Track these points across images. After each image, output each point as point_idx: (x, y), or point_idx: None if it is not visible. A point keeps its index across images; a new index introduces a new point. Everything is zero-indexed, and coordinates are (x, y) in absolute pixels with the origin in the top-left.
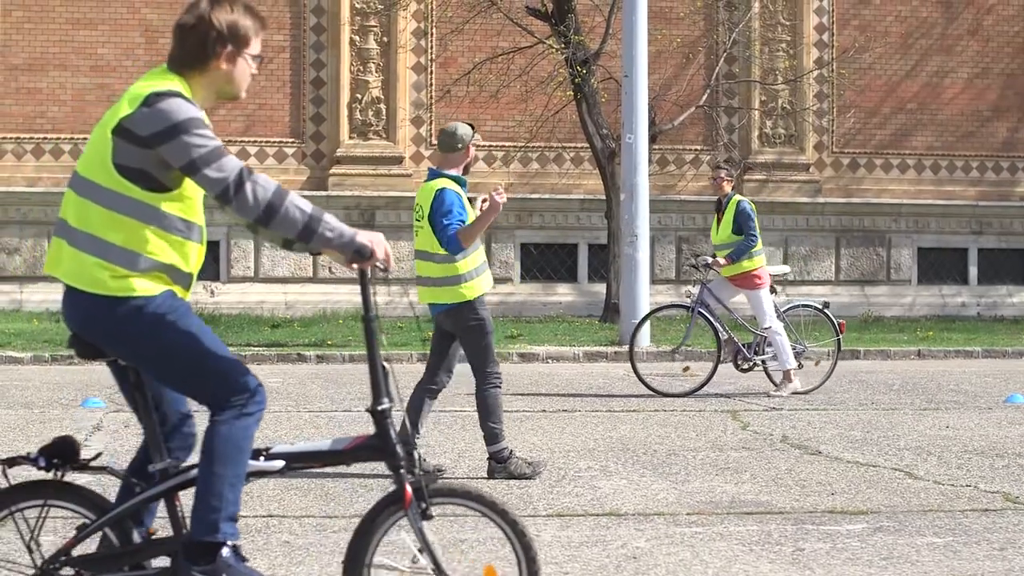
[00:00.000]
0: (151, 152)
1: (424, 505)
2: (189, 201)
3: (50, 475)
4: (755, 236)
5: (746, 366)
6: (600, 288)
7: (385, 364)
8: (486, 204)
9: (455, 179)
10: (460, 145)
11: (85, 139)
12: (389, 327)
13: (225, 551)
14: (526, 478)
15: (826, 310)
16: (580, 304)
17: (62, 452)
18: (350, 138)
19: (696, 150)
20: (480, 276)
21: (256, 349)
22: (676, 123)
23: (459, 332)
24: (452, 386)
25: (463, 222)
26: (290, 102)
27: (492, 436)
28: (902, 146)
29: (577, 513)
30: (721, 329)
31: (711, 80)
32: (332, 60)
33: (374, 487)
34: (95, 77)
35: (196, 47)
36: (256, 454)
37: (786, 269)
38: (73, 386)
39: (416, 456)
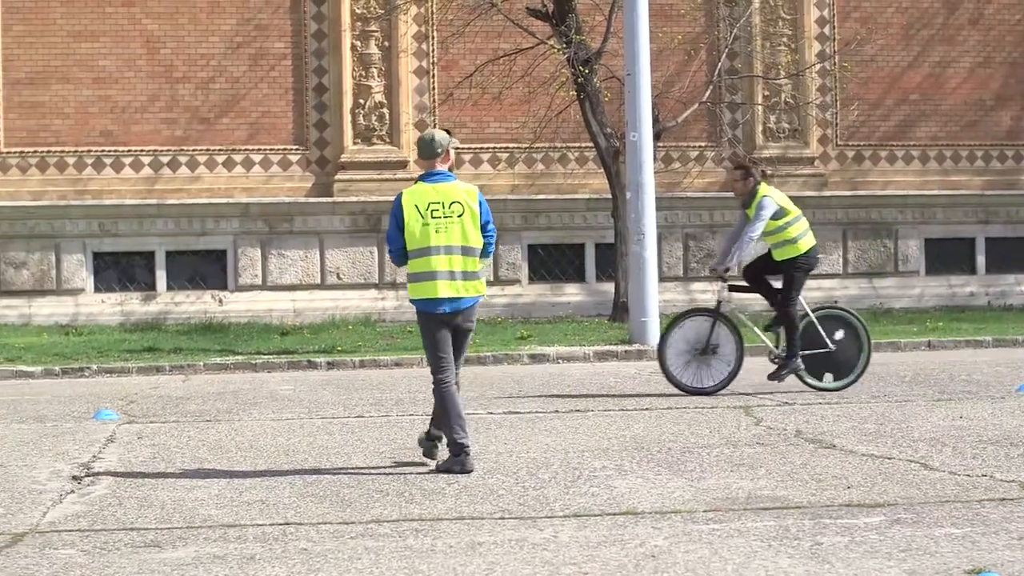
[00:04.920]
0: None
1: None
2: None
3: None
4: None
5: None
6: (608, 287)
7: None
8: None
9: None
10: (440, 150)
11: (89, 151)
12: (399, 331)
13: None
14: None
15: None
16: (589, 304)
17: None
18: (354, 143)
19: (700, 146)
20: None
21: (266, 357)
22: (680, 120)
23: (469, 325)
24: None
25: None
26: (293, 109)
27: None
28: (907, 137)
29: (594, 513)
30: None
31: (713, 76)
32: (334, 66)
33: (389, 492)
34: (97, 89)
35: None
36: None
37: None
38: (85, 399)
39: None
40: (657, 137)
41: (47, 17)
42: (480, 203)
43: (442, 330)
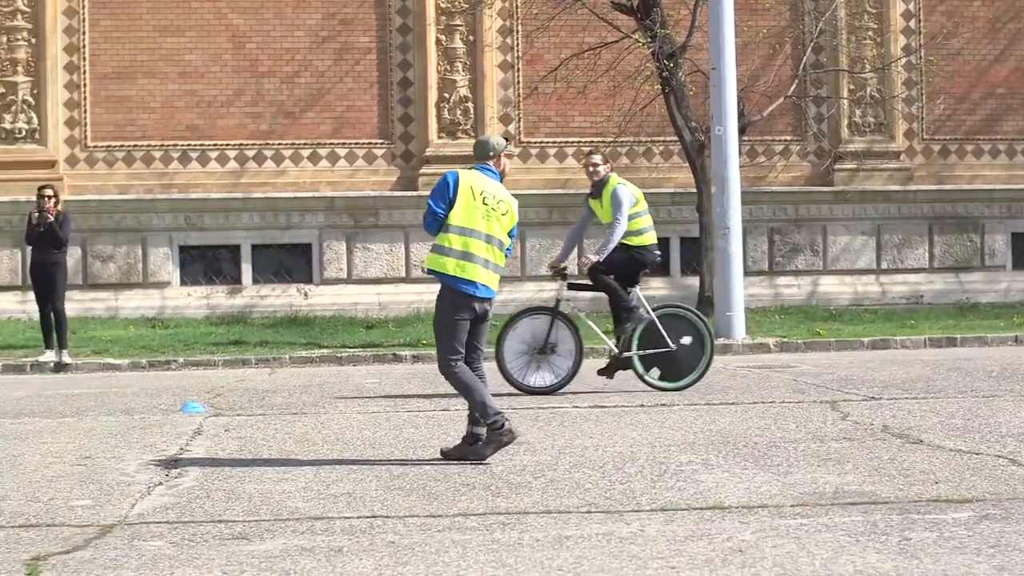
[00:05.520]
0: None
1: None
2: None
3: None
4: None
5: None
6: (693, 281)
7: None
8: None
9: None
10: (492, 153)
11: (175, 145)
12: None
13: None
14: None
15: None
16: (673, 298)
17: None
18: (439, 138)
19: (786, 141)
20: None
21: (352, 350)
22: (765, 114)
23: (489, 314)
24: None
25: None
26: (378, 103)
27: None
28: (993, 131)
29: (681, 507)
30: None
31: (799, 70)
32: (419, 60)
33: (476, 485)
34: (183, 83)
35: None
36: None
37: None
38: (171, 391)
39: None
40: (742, 131)
41: (133, 12)
42: (516, 213)
43: (464, 314)
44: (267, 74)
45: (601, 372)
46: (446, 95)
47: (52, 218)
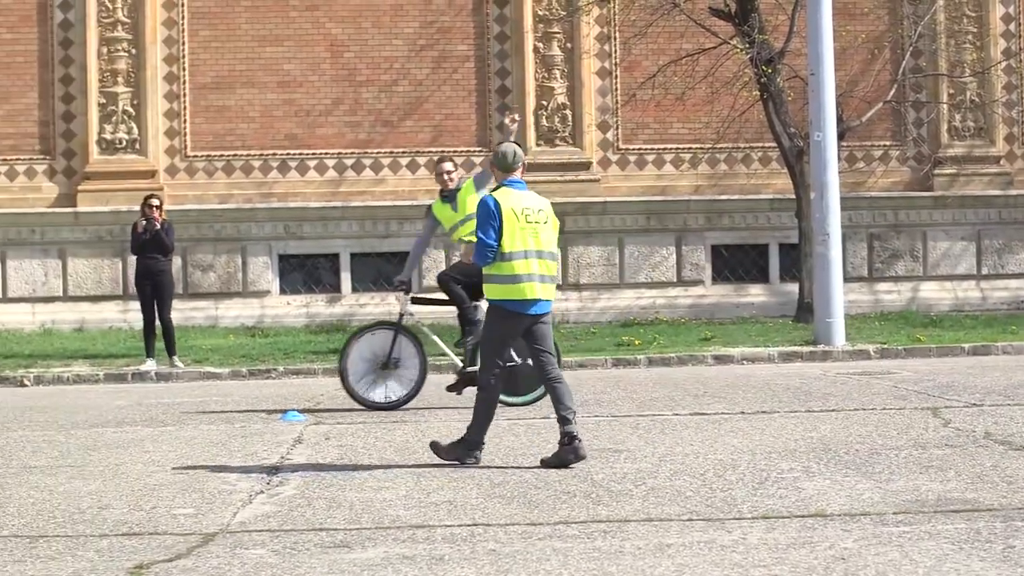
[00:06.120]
0: None
1: None
2: None
3: None
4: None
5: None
6: (792, 288)
7: None
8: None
9: None
10: (517, 164)
11: (274, 155)
12: (583, 333)
13: None
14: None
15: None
16: (773, 304)
17: None
18: (537, 145)
19: (885, 146)
20: None
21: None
22: (864, 119)
23: (548, 320)
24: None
25: None
26: (476, 111)
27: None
28: None
29: (782, 515)
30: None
31: (897, 75)
32: (516, 68)
33: (576, 493)
34: (282, 93)
35: None
36: None
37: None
38: (272, 400)
39: None
40: (841, 136)
41: (232, 22)
42: (552, 212)
43: (516, 330)
44: (365, 83)
45: (450, 388)
46: (544, 103)
47: (159, 226)
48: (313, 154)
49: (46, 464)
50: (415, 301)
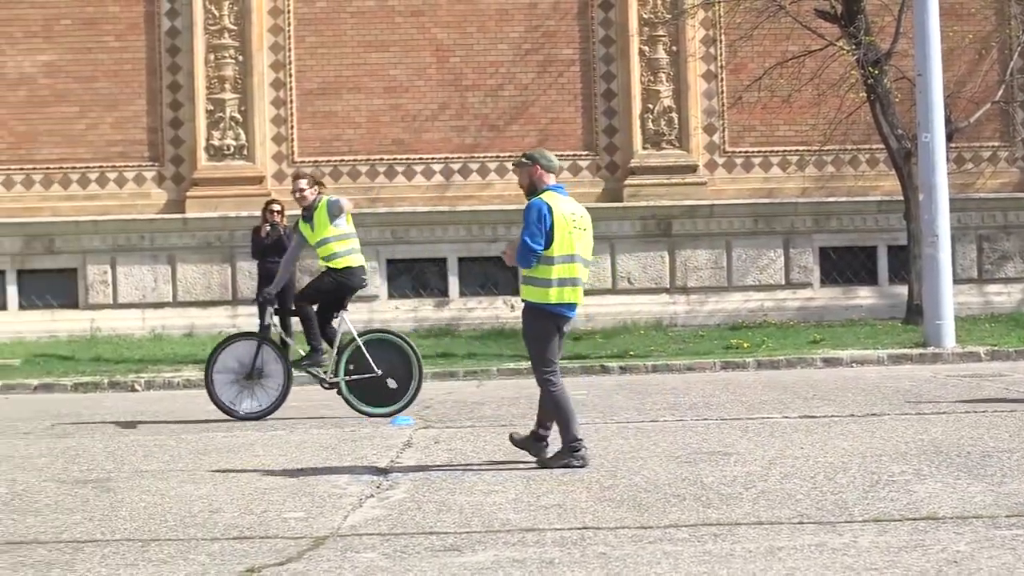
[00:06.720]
0: None
1: None
2: None
3: None
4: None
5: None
6: (901, 290)
7: None
8: None
9: None
10: (559, 169)
11: (381, 160)
12: (691, 336)
13: None
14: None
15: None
16: (881, 306)
17: None
18: (643, 148)
19: (994, 147)
20: None
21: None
22: (972, 120)
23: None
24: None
25: None
26: (582, 115)
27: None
28: None
29: (894, 518)
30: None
31: (1006, 75)
32: (622, 71)
33: (686, 496)
34: (388, 98)
35: None
36: None
37: None
38: None
39: None
40: (949, 138)
41: (338, 28)
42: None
43: (555, 331)
44: (471, 87)
45: (294, 365)
46: (650, 106)
47: (282, 231)
48: (420, 159)
49: (157, 468)
50: (278, 313)
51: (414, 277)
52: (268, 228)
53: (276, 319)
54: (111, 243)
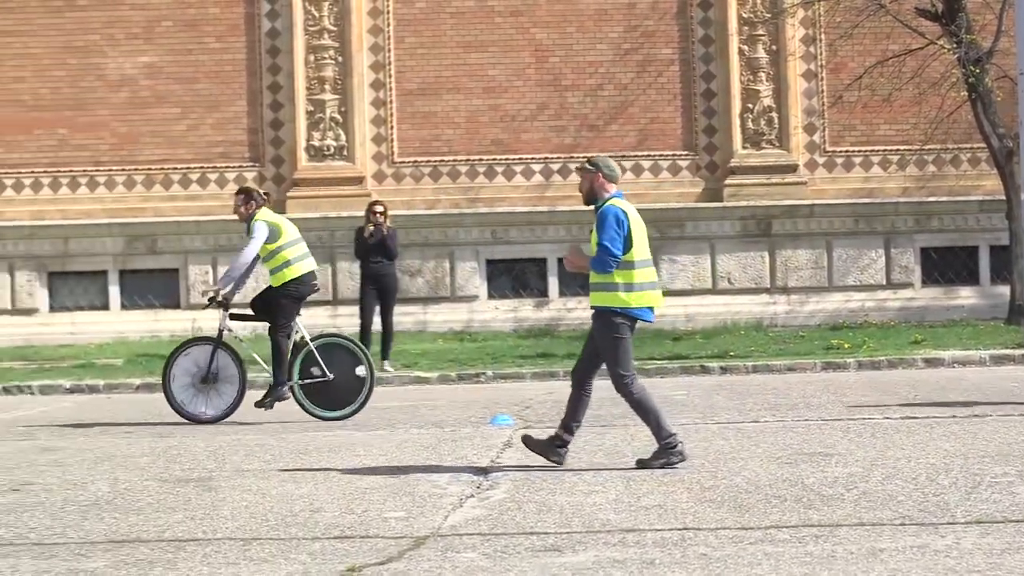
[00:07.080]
0: None
1: None
2: None
3: None
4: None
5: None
6: (1003, 290)
7: None
8: None
9: None
10: (618, 178)
11: (480, 160)
12: (791, 336)
13: None
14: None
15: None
16: (983, 307)
17: None
18: (743, 148)
19: None
20: None
21: (659, 362)
22: None
23: None
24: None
25: None
26: (681, 115)
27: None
28: None
29: (996, 520)
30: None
31: None
32: (721, 71)
33: (787, 497)
34: (487, 98)
35: None
36: None
37: None
38: (480, 404)
39: None
40: None
41: (437, 29)
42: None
43: (630, 334)
44: (570, 87)
45: (258, 404)
46: (750, 105)
47: (385, 232)
48: (519, 159)
49: (258, 467)
50: (233, 317)
51: (514, 277)
52: (372, 228)
53: (230, 323)
54: (212, 243)
